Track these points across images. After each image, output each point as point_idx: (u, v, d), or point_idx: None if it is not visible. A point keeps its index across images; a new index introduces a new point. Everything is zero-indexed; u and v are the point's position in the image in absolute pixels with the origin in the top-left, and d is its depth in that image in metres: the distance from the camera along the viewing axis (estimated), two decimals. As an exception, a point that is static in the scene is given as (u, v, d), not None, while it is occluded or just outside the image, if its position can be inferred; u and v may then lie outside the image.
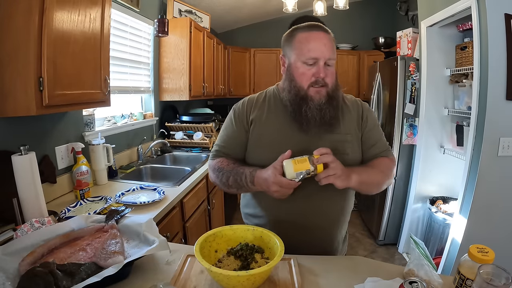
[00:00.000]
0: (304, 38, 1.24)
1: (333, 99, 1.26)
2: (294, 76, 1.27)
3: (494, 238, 2.40)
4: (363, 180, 1.21)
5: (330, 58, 1.23)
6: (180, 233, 2.25)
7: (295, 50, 1.26)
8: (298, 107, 1.27)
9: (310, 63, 1.23)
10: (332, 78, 1.26)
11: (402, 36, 3.69)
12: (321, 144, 1.23)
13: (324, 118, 1.25)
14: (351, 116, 1.36)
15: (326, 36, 1.24)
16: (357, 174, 1.18)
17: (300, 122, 1.27)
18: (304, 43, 1.23)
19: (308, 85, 1.24)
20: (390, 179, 1.36)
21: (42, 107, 1.45)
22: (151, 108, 3.51)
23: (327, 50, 1.22)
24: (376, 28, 5.64)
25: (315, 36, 1.23)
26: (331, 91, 1.26)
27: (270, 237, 1.13)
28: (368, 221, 4.21)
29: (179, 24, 3.51)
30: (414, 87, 3.31)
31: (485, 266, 0.86)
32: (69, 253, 1.14)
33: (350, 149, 1.31)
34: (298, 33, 1.26)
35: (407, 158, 3.49)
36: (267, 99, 1.41)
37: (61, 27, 1.51)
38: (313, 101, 1.24)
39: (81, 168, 2.13)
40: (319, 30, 1.25)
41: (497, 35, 2.21)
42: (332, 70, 1.26)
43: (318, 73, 1.22)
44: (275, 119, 1.35)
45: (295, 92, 1.27)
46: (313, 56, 1.21)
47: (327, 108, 1.25)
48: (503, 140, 2.29)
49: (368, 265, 1.20)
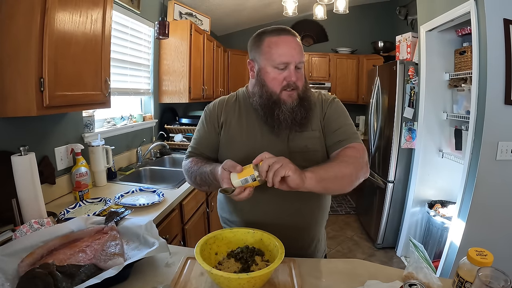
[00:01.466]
0: (273, 42, 1.24)
1: (304, 100, 1.28)
2: (266, 81, 1.27)
3: (493, 241, 2.40)
4: (321, 176, 1.10)
5: (300, 62, 1.24)
6: (179, 235, 2.24)
7: (264, 55, 1.26)
8: (270, 111, 1.27)
9: (281, 68, 1.23)
10: (302, 81, 1.28)
11: (402, 40, 3.70)
12: (291, 144, 1.27)
13: (296, 119, 1.26)
14: (316, 112, 1.35)
15: (295, 39, 1.25)
16: (310, 171, 1.08)
17: (272, 125, 1.29)
18: (273, 48, 1.23)
19: (280, 90, 1.25)
20: (361, 169, 1.23)
21: (42, 108, 1.45)
22: (150, 110, 3.51)
23: (297, 54, 1.23)
24: (376, 32, 5.67)
25: (285, 40, 1.23)
26: (302, 93, 1.27)
27: (271, 239, 1.13)
28: (367, 225, 4.22)
29: (180, 26, 3.52)
30: (413, 91, 3.32)
31: (484, 269, 0.86)
32: (69, 254, 1.13)
33: (319, 145, 1.32)
34: (266, 37, 1.26)
35: (405, 162, 3.49)
36: (237, 102, 1.42)
37: (62, 28, 1.51)
38: (286, 105, 1.25)
39: (80, 169, 2.13)
40: (288, 34, 1.25)
41: (496, 40, 2.22)
42: (302, 72, 1.28)
43: (289, 77, 1.23)
44: (246, 121, 1.36)
45: (267, 97, 1.27)
46: (284, 61, 1.22)
47: (299, 109, 1.26)
48: (502, 144, 2.30)
49: (367, 268, 1.20)
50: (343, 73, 5.67)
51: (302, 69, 1.27)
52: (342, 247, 3.86)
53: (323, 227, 1.48)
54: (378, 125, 3.85)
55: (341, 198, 5.39)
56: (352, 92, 5.71)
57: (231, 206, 1.43)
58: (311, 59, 5.69)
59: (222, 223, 1.52)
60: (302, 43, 1.29)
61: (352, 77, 5.67)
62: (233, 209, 1.42)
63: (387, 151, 3.56)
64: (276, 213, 1.32)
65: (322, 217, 1.43)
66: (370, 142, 4.12)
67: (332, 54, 5.71)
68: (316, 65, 5.69)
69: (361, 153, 1.27)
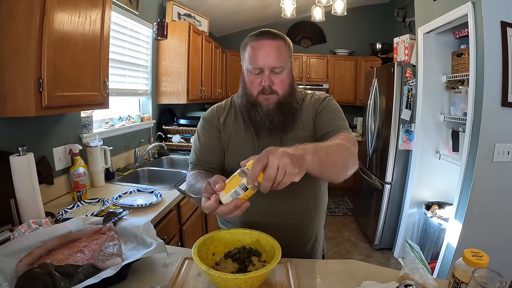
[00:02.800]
0: (251, 47, 1.25)
1: (283, 106, 1.27)
2: (246, 83, 1.30)
3: (489, 243, 2.42)
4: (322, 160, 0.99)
5: (275, 67, 1.22)
6: (176, 236, 2.25)
7: (245, 58, 1.28)
8: (248, 112, 1.30)
9: (257, 72, 1.24)
10: (283, 85, 1.26)
11: (399, 42, 3.72)
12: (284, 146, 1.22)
13: (273, 123, 1.26)
14: (309, 112, 1.35)
15: (272, 43, 1.23)
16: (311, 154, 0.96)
17: (254, 127, 1.31)
18: (250, 52, 1.24)
19: (257, 93, 1.26)
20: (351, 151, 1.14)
21: (41, 108, 1.45)
22: (148, 111, 3.51)
23: (270, 58, 1.21)
24: (374, 34, 5.69)
25: (260, 45, 1.23)
26: (282, 98, 1.26)
27: (267, 240, 1.14)
28: (364, 226, 4.23)
29: (178, 27, 3.52)
30: (410, 93, 3.33)
31: (479, 270, 0.87)
32: (67, 254, 1.14)
33: None
34: (248, 41, 1.27)
35: (403, 163, 3.50)
36: (232, 106, 1.43)
37: (61, 29, 1.52)
38: (261, 107, 1.26)
39: (79, 170, 2.13)
40: (265, 38, 1.24)
41: (493, 42, 2.24)
42: (282, 77, 1.25)
43: (263, 82, 1.23)
44: (236, 125, 1.37)
45: (246, 98, 1.29)
46: (257, 66, 1.23)
47: (275, 114, 1.26)
48: (499, 146, 2.31)
49: (364, 269, 1.21)
50: (341, 75, 5.68)
51: (282, 74, 1.25)
52: (339, 248, 3.87)
53: (321, 227, 1.48)
54: (376, 126, 3.87)
55: (339, 199, 5.39)
56: (350, 94, 5.73)
57: None
58: (309, 61, 5.70)
59: (220, 224, 1.52)
60: (300, 45, 1.29)
61: (350, 78, 5.69)
62: None
63: (384, 152, 3.57)
64: (273, 213, 1.32)
65: (319, 217, 1.43)
66: (367, 144, 4.14)
67: (330, 55, 5.72)
68: (314, 66, 5.70)
69: (351, 142, 1.18)
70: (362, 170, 4.30)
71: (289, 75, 1.29)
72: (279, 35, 1.27)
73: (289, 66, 1.28)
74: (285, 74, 1.26)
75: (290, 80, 1.29)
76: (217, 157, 1.40)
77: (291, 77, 1.31)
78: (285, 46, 1.27)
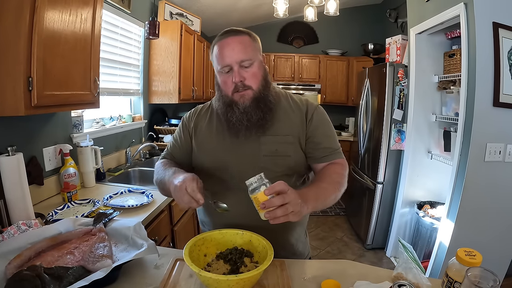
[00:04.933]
0: (217, 47, 1.26)
1: (259, 101, 1.27)
2: (220, 85, 1.30)
3: (481, 242, 2.44)
4: (319, 205, 1.13)
5: (243, 60, 1.22)
6: (168, 237, 2.23)
7: (213, 61, 1.29)
8: (224, 114, 1.29)
9: (227, 71, 1.24)
10: (255, 78, 1.26)
11: (392, 42, 3.73)
12: (263, 148, 1.27)
13: (251, 120, 1.25)
14: (294, 117, 1.34)
15: (235, 39, 1.24)
16: (313, 200, 1.08)
17: (230, 128, 1.30)
18: (217, 52, 1.25)
19: (232, 92, 1.26)
20: (344, 187, 1.27)
21: (30, 108, 1.43)
22: (140, 110, 3.49)
23: (236, 53, 1.21)
24: (366, 34, 5.71)
25: (224, 43, 1.24)
26: (258, 92, 1.26)
27: (260, 241, 1.13)
28: (356, 226, 4.24)
29: (170, 26, 3.50)
30: (402, 93, 3.34)
31: (473, 269, 0.87)
32: (57, 256, 1.12)
33: (292, 151, 1.31)
34: (214, 43, 1.28)
35: (395, 163, 3.52)
36: (210, 108, 1.43)
37: (51, 27, 1.49)
38: (238, 106, 1.26)
39: (69, 170, 2.11)
40: (228, 35, 1.25)
41: (485, 43, 2.25)
42: (253, 70, 1.25)
43: (234, 79, 1.23)
44: (215, 126, 1.37)
45: (223, 100, 1.30)
46: (225, 64, 1.23)
47: (253, 110, 1.25)
48: (490, 146, 2.33)
49: (357, 269, 1.20)
50: (333, 75, 5.69)
51: (252, 67, 1.24)
52: (331, 248, 3.87)
53: (300, 230, 1.45)
54: (368, 126, 3.88)
55: (331, 199, 5.40)
56: (342, 94, 5.74)
57: (204, 208, 1.44)
58: (301, 61, 5.71)
59: (200, 225, 1.53)
60: (292, 45, 1.29)
61: (342, 78, 5.70)
62: (206, 211, 1.43)
63: (376, 152, 3.59)
64: (248, 215, 1.27)
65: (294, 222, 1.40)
66: (359, 144, 4.15)
67: (322, 55, 5.73)
68: (306, 66, 5.71)
69: (345, 170, 1.32)
70: (354, 170, 4.31)
71: (261, 68, 1.29)
72: (243, 31, 1.28)
73: (258, 59, 1.28)
74: (256, 67, 1.26)
75: (262, 73, 1.29)
76: (183, 157, 1.43)
77: (263, 70, 1.30)
78: (250, 40, 1.27)
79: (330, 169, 1.29)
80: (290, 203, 0.97)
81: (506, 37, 2.26)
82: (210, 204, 1.19)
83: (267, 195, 0.98)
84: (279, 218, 0.97)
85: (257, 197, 1.00)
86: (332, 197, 1.18)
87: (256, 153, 1.29)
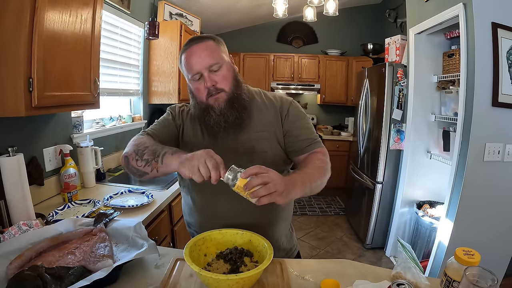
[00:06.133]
0: (184, 57, 1.28)
1: (234, 102, 1.28)
2: (193, 93, 1.32)
3: (480, 241, 2.44)
4: (307, 189, 1.12)
5: (211, 65, 1.24)
6: (168, 236, 2.24)
7: (183, 70, 1.30)
8: (202, 118, 1.31)
9: (197, 78, 1.25)
10: (226, 81, 1.27)
11: (391, 42, 3.74)
12: (240, 146, 1.29)
13: (228, 121, 1.27)
14: (268, 113, 1.36)
15: (200, 46, 1.25)
16: (300, 185, 1.08)
17: (209, 131, 1.32)
18: (185, 62, 1.27)
19: (206, 97, 1.27)
20: (329, 172, 1.27)
21: (31, 108, 1.44)
22: (140, 111, 3.49)
23: (203, 60, 1.23)
24: (365, 34, 5.71)
25: (190, 52, 1.25)
26: (231, 92, 1.27)
27: (259, 240, 1.14)
28: (356, 225, 4.24)
29: (170, 27, 3.50)
30: (401, 93, 3.35)
31: (471, 268, 0.87)
32: (58, 256, 1.13)
33: (269, 147, 1.33)
34: (181, 54, 1.30)
35: (394, 163, 3.52)
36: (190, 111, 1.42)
37: (52, 28, 1.50)
38: (214, 109, 1.26)
39: (69, 171, 2.11)
40: (193, 44, 1.26)
41: (484, 43, 2.26)
42: (223, 73, 1.26)
43: (205, 84, 1.24)
44: (195, 129, 1.38)
45: (198, 106, 1.31)
46: (194, 72, 1.24)
47: (228, 111, 1.26)
48: (489, 146, 2.34)
49: (356, 268, 1.21)
50: (332, 75, 5.69)
51: (222, 70, 1.26)
52: (331, 247, 3.88)
53: (284, 225, 1.46)
54: (367, 126, 3.88)
55: (330, 199, 5.41)
56: (341, 94, 5.74)
57: (188, 208, 1.46)
58: (301, 61, 5.71)
59: (186, 227, 1.54)
60: (292, 45, 1.29)
61: (342, 78, 5.70)
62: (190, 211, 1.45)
63: (375, 152, 3.59)
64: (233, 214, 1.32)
65: (282, 215, 1.42)
66: (359, 144, 4.15)
67: (322, 55, 5.73)
68: (306, 66, 5.71)
69: (327, 157, 1.33)
70: (353, 169, 4.32)
71: (230, 69, 1.30)
72: (206, 36, 1.29)
73: (226, 61, 1.29)
74: (225, 69, 1.27)
75: (232, 74, 1.30)
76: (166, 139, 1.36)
77: (233, 71, 1.31)
78: (215, 43, 1.28)
79: (312, 157, 1.31)
80: (272, 183, 0.98)
81: (505, 37, 2.26)
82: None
83: (244, 178, 0.99)
84: (264, 198, 0.97)
85: (238, 185, 1.00)
86: (318, 182, 1.18)
87: (234, 152, 1.30)
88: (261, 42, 6.00)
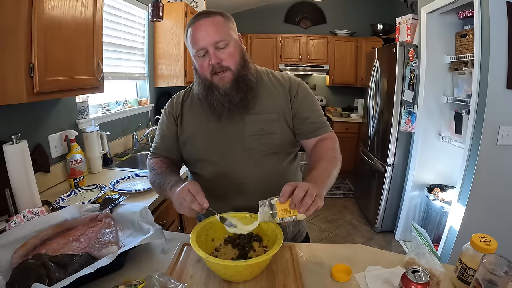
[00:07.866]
0: (190, 32, 1.23)
1: (240, 81, 1.24)
2: (197, 69, 1.27)
3: (493, 227, 2.40)
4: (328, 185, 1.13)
5: (217, 41, 1.19)
6: (176, 221, 2.23)
7: (188, 45, 1.26)
8: (206, 98, 1.27)
9: (202, 54, 1.21)
10: (233, 59, 1.23)
11: (402, 22, 3.64)
12: (248, 128, 1.27)
13: (232, 102, 1.24)
14: (277, 93, 1.33)
15: (208, 20, 1.21)
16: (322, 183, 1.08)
17: (212, 112, 1.28)
18: (191, 37, 1.22)
19: (210, 75, 1.23)
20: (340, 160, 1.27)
21: (33, 94, 1.41)
22: (146, 94, 3.46)
23: (209, 35, 1.18)
24: (374, 14, 5.59)
25: (197, 27, 1.21)
26: (236, 72, 1.24)
27: (269, 224, 1.11)
28: (365, 208, 4.22)
29: (174, 8, 3.43)
30: (413, 73, 3.27)
31: (488, 256, 0.84)
32: (62, 244, 1.11)
33: (278, 128, 1.30)
34: (188, 28, 1.25)
35: (405, 145, 3.47)
36: (190, 94, 1.41)
37: (51, 12, 1.46)
38: (218, 89, 1.23)
39: (75, 157, 2.10)
40: (200, 18, 1.22)
41: (499, 23, 2.18)
42: (229, 50, 1.22)
43: (210, 61, 1.20)
44: (195, 112, 1.36)
45: (202, 84, 1.27)
46: (199, 48, 1.20)
47: (234, 91, 1.23)
48: (503, 129, 2.27)
49: (368, 253, 1.18)
50: (341, 56, 5.60)
51: (228, 48, 1.21)
52: (340, 230, 3.87)
53: None
54: (377, 108, 3.82)
55: (340, 182, 5.38)
56: (350, 75, 5.66)
57: None
58: (309, 42, 5.62)
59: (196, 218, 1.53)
60: (300, 26, 1.25)
61: (351, 59, 5.61)
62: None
63: (386, 134, 3.54)
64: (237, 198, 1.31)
65: None
66: (369, 126, 4.10)
67: (331, 36, 5.63)
68: (314, 47, 5.62)
69: (337, 143, 1.33)
70: (363, 152, 4.28)
71: (237, 47, 1.25)
72: (214, 12, 1.24)
73: (234, 39, 1.25)
74: (232, 47, 1.23)
75: (239, 52, 1.26)
76: (174, 150, 1.40)
77: (240, 49, 1.27)
78: (223, 20, 1.24)
79: (323, 147, 1.29)
80: (308, 191, 0.96)
81: (521, 16, 2.18)
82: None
83: (283, 202, 0.98)
84: (310, 206, 0.96)
85: (280, 211, 0.99)
86: (334, 174, 1.18)
87: (241, 134, 1.28)
88: (268, 23, 5.90)
